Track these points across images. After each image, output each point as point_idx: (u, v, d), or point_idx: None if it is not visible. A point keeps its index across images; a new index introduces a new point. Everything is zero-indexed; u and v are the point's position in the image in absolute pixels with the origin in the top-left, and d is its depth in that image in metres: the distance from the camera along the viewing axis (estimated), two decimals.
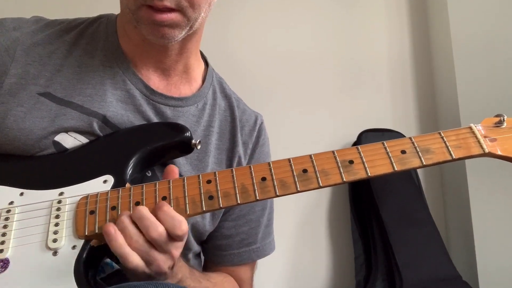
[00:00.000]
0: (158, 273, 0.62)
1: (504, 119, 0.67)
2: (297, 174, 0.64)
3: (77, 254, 0.62)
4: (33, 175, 0.70)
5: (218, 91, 0.91)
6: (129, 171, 0.70)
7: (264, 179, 0.64)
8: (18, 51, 0.76)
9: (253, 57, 1.62)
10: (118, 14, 0.84)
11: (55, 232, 0.63)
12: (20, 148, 0.72)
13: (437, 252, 1.43)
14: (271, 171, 0.65)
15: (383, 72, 1.70)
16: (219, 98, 0.90)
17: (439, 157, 0.64)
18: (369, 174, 0.63)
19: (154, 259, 0.60)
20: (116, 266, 0.73)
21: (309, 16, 1.68)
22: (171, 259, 0.62)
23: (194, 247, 0.86)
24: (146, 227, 0.59)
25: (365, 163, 0.64)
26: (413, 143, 0.65)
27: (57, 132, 0.73)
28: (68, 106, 0.74)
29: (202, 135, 0.84)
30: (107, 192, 0.66)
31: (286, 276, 1.57)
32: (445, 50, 1.60)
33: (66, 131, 0.74)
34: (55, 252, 0.62)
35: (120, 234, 0.59)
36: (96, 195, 0.65)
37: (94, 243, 0.64)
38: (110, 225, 0.60)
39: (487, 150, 0.64)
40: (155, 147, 0.74)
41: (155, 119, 0.80)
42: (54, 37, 0.80)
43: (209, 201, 0.64)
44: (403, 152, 0.65)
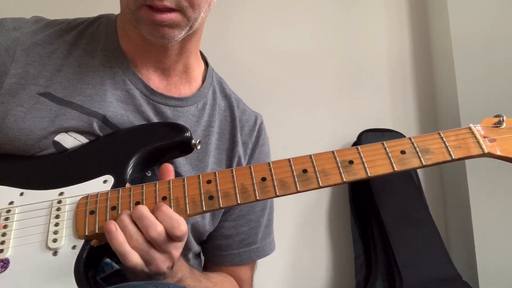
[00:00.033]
0: (157, 273, 0.62)
1: (503, 120, 0.67)
2: (297, 174, 0.64)
3: (77, 254, 0.62)
4: (33, 175, 0.70)
5: (218, 91, 0.91)
6: (129, 171, 0.70)
7: (264, 179, 0.64)
8: (18, 51, 0.76)
9: (253, 57, 1.62)
10: (118, 14, 0.84)
11: (55, 232, 0.63)
12: (20, 148, 0.72)
13: (437, 252, 1.43)
14: (271, 171, 0.65)
15: (383, 72, 1.70)
16: (219, 98, 0.90)
17: (438, 157, 0.64)
18: (369, 174, 0.64)
19: (153, 258, 0.60)
20: (116, 266, 0.73)
21: (309, 16, 1.68)
22: (170, 259, 0.62)
23: (194, 247, 0.86)
24: (145, 226, 0.60)
25: (365, 163, 0.64)
26: (412, 143, 0.65)
27: (57, 132, 0.73)
28: (68, 106, 0.74)
29: (202, 135, 0.84)
30: (107, 192, 0.66)
31: (286, 276, 1.57)
32: (445, 50, 1.60)
33: (66, 131, 0.74)
34: (55, 252, 0.62)
35: (121, 232, 0.60)
36: (96, 195, 0.66)
37: (94, 243, 0.64)
38: (111, 223, 0.60)
39: (486, 151, 0.64)
40: (155, 147, 0.74)
41: (155, 119, 0.80)
42: (54, 37, 0.80)
43: (209, 201, 0.64)
44: (403, 152, 0.65)
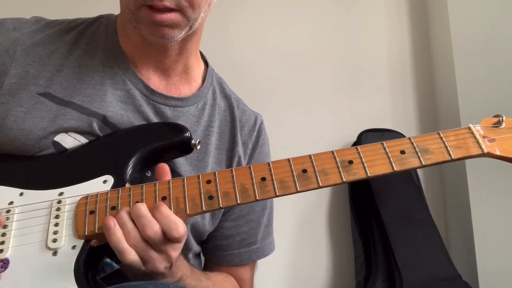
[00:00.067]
0: (155, 272, 0.62)
1: (502, 120, 0.67)
2: (297, 174, 0.64)
3: (77, 254, 0.62)
4: (33, 175, 0.70)
5: (218, 91, 0.91)
6: (129, 171, 0.70)
7: (263, 179, 0.64)
8: (18, 51, 0.76)
9: (253, 57, 1.62)
10: (118, 14, 0.84)
11: (55, 232, 0.63)
12: (20, 148, 0.72)
13: (437, 252, 1.43)
14: (270, 171, 0.65)
15: (383, 72, 1.70)
16: (219, 98, 0.90)
17: (438, 157, 0.64)
18: (369, 174, 0.64)
19: (150, 257, 0.60)
20: (116, 266, 0.73)
21: (309, 16, 1.68)
22: (168, 260, 0.62)
23: (194, 247, 0.86)
24: (142, 225, 0.60)
25: (365, 163, 0.64)
26: (412, 143, 0.65)
27: (57, 132, 0.73)
28: (68, 106, 0.74)
29: (202, 135, 0.84)
30: (107, 192, 0.66)
31: (286, 276, 1.57)
32: (445, 50, 1.60)
33: (66, 131, 0.74)
34: (55, 252, 0.62)
35: (119, 229, 0.60)
36: (96, 195, 0.66)
37: (94, 243, 0.64)
38: (110, 219, 0.60)
39: (486, 151, 0.64)
40: (155, 147, 0.74)
41: (155, 119, 0.80)
42: (54, 37, 0.80)
43: (209, 201, 0.64)
44: (402, 152, 0.65)
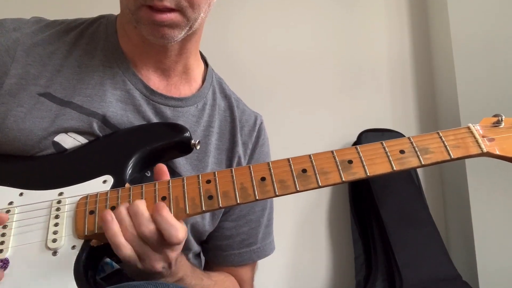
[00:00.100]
0: (153, 271, 0.62)
1: (502, 119, 0.67)
2: (297, 174, 0.64)
3: (77, 254, 0.62)
4: (33, 175, 0.70)
5: (217, 91, 0.91)
6: (128, 171, 0.70)
7: (263, 179, 0.64)
8: (19, 52, 0.76)
9: (253, 57, 1.62)
10: (118, 15, 0.84)
11: (55, 232, 0.63)
12: (20, 149, 0.72)
13: (437, 252, 1.43)
14: (270, 171, 0.65)
15: (383, 72, 1.70)
16: (219, 99, 0.90)
17: (437, 156, 0.64)
18: (368, 174, 0.63)
19: (146, 255, 0.60)
20: (116, 266, 0.74)
21: (309, 16, 1.68)
22: (166, 260, 0.62)
23: (194, 247, 0.86)
24: (139, 223, 0.60)
25: (364, 163, 0.64)
26: (411, 143, 0.65)
27: (57, 132, 0.73)
28: (67, 106, 0.74)
29: (202, 135, 0.84)
30: (106, 192, 0.66)
31: (286, 276, 1.57)
32: (445, 50, 1.60)
33: (66, 131, 0.74)
34: (54, 252, 0.62)
35: (116, 223, 0.60)
36: (96, 195, 0.66)
37: (93, 243, 0.64)
38: (108, 213, 0.60)
39: (485, 150, 0.64)
40: (155, 147, 0.74)
41: (155, 119, 0.80)
42: (54, 38, 0.80)
43: (209, 201, 0.64)
44: (402, 152, 0.65)
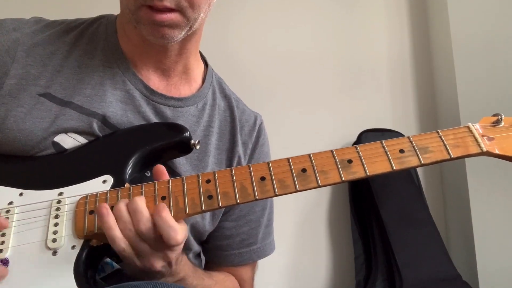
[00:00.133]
0: (152, 270, 0.62)
1: (501, 118, 0.67)
2: (296, 173, 0.64)
3: (77, 254, 0.62)
4: (33, 175, 0.71)
5: (217, 91, 0.91)
6: (128, 171, 0.70)
7: (263, 179, 0.64)
8: (19, 52, 0.76)
9: (253, 57, 1.62)
10: (118, 15, 0.84)
11: (55, 232, 0.63)
12: (20, 149, 0.72)
13: (437, 252, 1.43)
14: (270, 170, 0.65)
15: (383, 72, 1.70)
16: (219, 99, 0.90)
17: (437, 156, 0.64)
18: (368, 173, 0.64)
19: (144, 252, 0.61)
20: (116, 266, 0.73)
21: (309, 16, 1.68)
22: (165, 259, 0.62)
23: (194, 247, 0.86)
24: (137, 220, 0.60)
25: (364, 162, 0.64)
26: (411, 142, 0.65)
27: (57, 132, 0.73)
28: (67, 107, 0.74)
29: (201, 135, 0.84)
30: (106, 192, 0.66)
31: (286, 276, 1.57)
32: (445, 50, 1.60)
33: (66, 131, 0.74)
34: (54, 252, 0.62)
35: (112, 216, 0.60)
36: (96, 195, 0.66)
37: (93, 243, 0.64)
38: (103, 206, 0.61)
39: (485, 149, 0.64)
40: (155, 147, 0.74)
41: (155, 120, 0.80)
42: (54, 38, 0.80)
43: (209, 200, 0.64)
44: (402, 151, 0.65)
